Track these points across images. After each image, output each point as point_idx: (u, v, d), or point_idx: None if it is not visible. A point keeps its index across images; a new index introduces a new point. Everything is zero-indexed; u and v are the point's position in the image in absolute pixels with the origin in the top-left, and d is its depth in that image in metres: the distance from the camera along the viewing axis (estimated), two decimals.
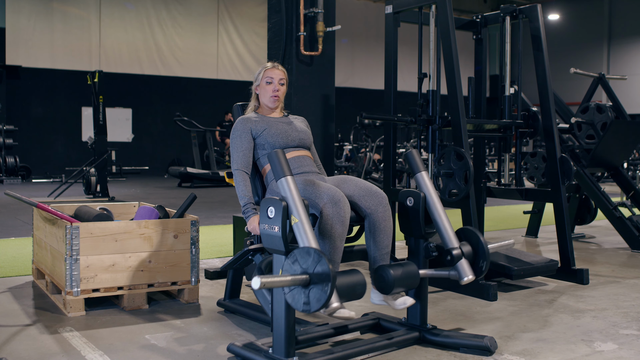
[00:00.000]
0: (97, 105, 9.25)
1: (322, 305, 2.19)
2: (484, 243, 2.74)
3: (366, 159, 12.24)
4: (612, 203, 5.41)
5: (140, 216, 3.61)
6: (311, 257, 2.24)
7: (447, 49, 3.91)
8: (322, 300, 2.18)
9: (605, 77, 6.14)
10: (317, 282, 2.21)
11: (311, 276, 2.22)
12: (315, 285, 2.21)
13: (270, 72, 3.20)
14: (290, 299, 2.29)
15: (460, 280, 2.71)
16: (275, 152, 2.50)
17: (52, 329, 2.95)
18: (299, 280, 2.22)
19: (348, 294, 2.38)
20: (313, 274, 2.22)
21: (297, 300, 2.27)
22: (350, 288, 2.37)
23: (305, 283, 2.23)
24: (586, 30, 20.95)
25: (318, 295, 2.20)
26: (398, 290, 2.65)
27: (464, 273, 2.70)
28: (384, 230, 2.87)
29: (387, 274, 2.62)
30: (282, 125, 3.14)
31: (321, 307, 2.20)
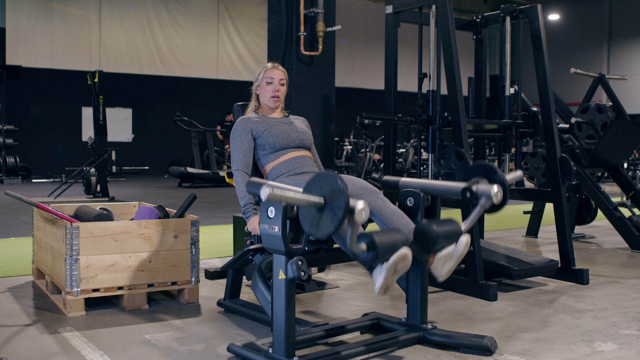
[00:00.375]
0: (97, 105, 9.25)
1: (338, 223, 2.13)
2: (490, 165, 2.71)
3: (366, 159, 12.24)
4: (612, 203, 5.41)
5: (141, 216, 3.61)
6: (325, 179, 2.20)
7: (447, 49, 3.91)
8: (339, 215, 2.12)
9: (606, 77, 6.14)
10: (332, 202, 2.16)
11: (326, 198, 2.18)
12: (330, 207, 2.17)
13: (271, 72, 3.20)
14: (303, 219, 2.26)
15: (491, 196, 2.58)
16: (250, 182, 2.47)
17: (52, 329, 2.95)
18: (313, 201, 2.17)
19: (390, 250, 2.34)
20: (327, 194, 2.18)
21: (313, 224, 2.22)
22: (391, 243, 2.34)
23: (320, 206, 2.19)
24: (586, 30, 20.94)
25: (326, 224, 2.16)
26: (441, 245, 2.57)
27: (488, 190, 2.59)
28: (394, 212, 2.80)
29: (429, 229, 2.53)
30: (283, 126, 3.14)
31: (339, 224, 2.14)
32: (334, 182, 2.19)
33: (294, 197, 2.15)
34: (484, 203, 2.63)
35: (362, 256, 2.36)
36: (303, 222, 2.27)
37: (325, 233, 2.18)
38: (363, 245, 2.34)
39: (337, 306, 3.44)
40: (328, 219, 2.18)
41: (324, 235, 2.19)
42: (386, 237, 2.38)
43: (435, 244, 2.53)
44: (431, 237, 2.53)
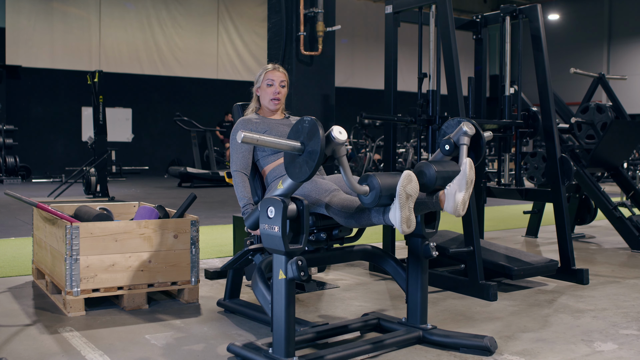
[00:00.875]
0: (97, 105, 9.25)
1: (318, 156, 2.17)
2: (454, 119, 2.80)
3: (366, 159, 12.24)
4: (612, 203, 5.41)
5: (140, 216, 3.61)
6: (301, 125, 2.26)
7: (447, 49, 3.91)
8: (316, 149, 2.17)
9: (605, 77, 6.14)
10: (309, 143, 2.22)
11: (304, 141, 2.24)
12: (308, 147, 2.22)
13: (271, 74, 3.20)
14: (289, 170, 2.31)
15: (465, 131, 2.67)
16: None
17: (52, 329, 2.95)
18: (287, 144, 2.23)
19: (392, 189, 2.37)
20: (305, 137, 2.24)
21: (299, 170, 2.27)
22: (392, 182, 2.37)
23: (299, 150, 2.24)
24: (586, 30, 20.94)
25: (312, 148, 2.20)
26: (439, 184, 2.57)
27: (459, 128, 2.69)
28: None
29: (429, 169, 2.56)
30: (283, 128, 3.14)
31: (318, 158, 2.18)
32: (306, 122, 2.24)
33: (270, 140, 2.20)
34: (463, 141, 2.69)
35: (366, 198, 2.39)
36: (289, 171, 2.31)
37: (309, 170, 2.20)
38: (365, 186, 2.39)
39: (337, 306, 3.44)
40: (309, 158, 2.22)
41: (307, 174, 2.21)
42: (386, 176, 2.41)
43: (435, 182, 2.53)
44: (430, 177, 2.54)
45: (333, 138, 2.27)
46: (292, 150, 2.26)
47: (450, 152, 2.73)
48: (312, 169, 2.21)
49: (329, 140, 2.27)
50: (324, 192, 2.71)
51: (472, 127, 2.72)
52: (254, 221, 2.73)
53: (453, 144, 2.72)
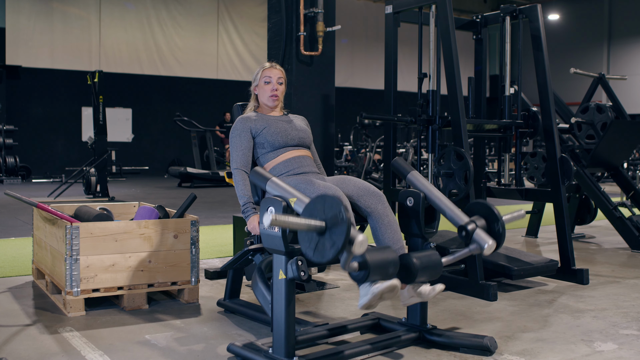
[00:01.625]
0: (97, 105, 9.25)
1: (336, 253, 2.11)
2: (494, 209, 2.66)
3: (366, 159, 12.24)
4: (612, 203, 5.41)
5: (140, 216, 3.61)
6: (329, 203, 2.17)
7: (447, 49, 3.91)
8: (337, 244, 2.10)
9: (605, 77, 6.14)
10: (333, 229, 2.13)
11: (327, 223, 2.15)
12: (331, 232, 2.14)
13: (268, 71, 3.21)
14: (302, 239, 2.23)
15: (482, 249, 2.58)
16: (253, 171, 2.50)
17: (52, 329, 2.95)
18: (315, 226, 2.14)
19: (380, 272, 2.33)
20: (329, 219, 2.15)
21: (310, 246, 2.20)
22: (382, 265, 2.33)
23: (321, 230, 2.16)
24: (586, 30, 20.95)
25: (325, 249, 2.14)
26: (421, 279, 2.56)
27: (483, 241, 2.58)
28: (390, 224, 2.83)
29: (410, 262, 2.53)
30: (282, 124, 3.14)
31: (336, 254, 2.12)
32: (338, 209, 2.15)
33: (297, 223, 2.14)
34: (474, 249, 2.63)
35: (354, 274, 2.39)
36: (301, 241, 2.25)
37: (323, 260, 2.17)
38: (355, 264, 2.36)
39: (337, 306, 3.44)
40: (327, 245, 2.16)
41: (320, 261, 2.18)
42: (378, 257, 2.37)
43: (415, 277, 2.53)
44: (411, 271, 2.53)
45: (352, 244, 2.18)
46: (315, 231, 2.19)
47: (463, 239, 2.65)
48: (326, 259, 2.16)
49: (350, 242, 2.18)
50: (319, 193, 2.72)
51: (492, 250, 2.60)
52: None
53: (470, 237, 2.62)
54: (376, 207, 2.84)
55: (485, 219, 2.68)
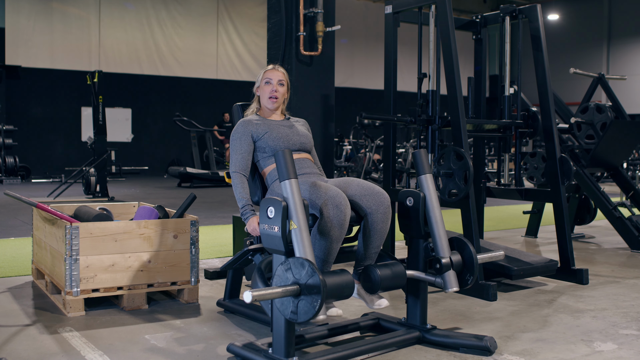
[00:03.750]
0: (97, 105, 9.25)
1: (309, 319, 2.22)
2: (474, 256, 2.74)
3: (366, 159, 12.25)
4: (611, 203, 5.41)
5: (140, 216, 3.61)
6: (305, 269, 2.25)
7: (446, 49, 3.91)
8: (309, 313, 2.22)
9: (605, 77, 6.14)
10: (307, 294, 2.23)
11: (302, 288, 2.25)
12: (305, 297, 2.23)
13: (270, 73, 3.22)
14: (279, 305, 2.32)
15: (444, 289, 2.73)
16: (283, 153, 2.45)
17: (52, 329, 2.95)
18: (290, 291, 2.24)
19: (336, 295, 2.39)
20: (304, 286, 2.24)
21: (286, 309, 2.29)
22: (338, 289, 2.38)
23: (295, 293, 2.25)
24: (586, 30, 20.95)
25: (307, 308, 2.23)
26: (384, 290, 2.69)
27: (449, 284, 2.71)
28: (380, 232, 2.89)
29: (374, 274, 2.66)
30: (284, 129, 3.15)
31: (308, 320, 2.23)
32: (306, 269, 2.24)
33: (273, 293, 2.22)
34: (438, 283, 2.74)
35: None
36: (283, 310, 2.31)
37: (307, 318, 2.24)
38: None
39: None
40: (307, 304, 2.24)
41: (305, 320, 2.25)
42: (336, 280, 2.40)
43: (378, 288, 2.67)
44: (374, 283, 2.67)
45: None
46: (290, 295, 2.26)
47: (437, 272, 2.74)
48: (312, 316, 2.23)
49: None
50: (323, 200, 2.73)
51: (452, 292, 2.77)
52: None
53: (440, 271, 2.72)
54: (377, 209, 2.85)
55: (462, 260, 2.77)
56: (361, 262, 2.91)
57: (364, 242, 2.89)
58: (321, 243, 2.70)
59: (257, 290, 2.18)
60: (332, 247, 2.72)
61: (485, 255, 2.89)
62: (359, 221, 2.91)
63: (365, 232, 2.88)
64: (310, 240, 2.39)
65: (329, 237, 2.69)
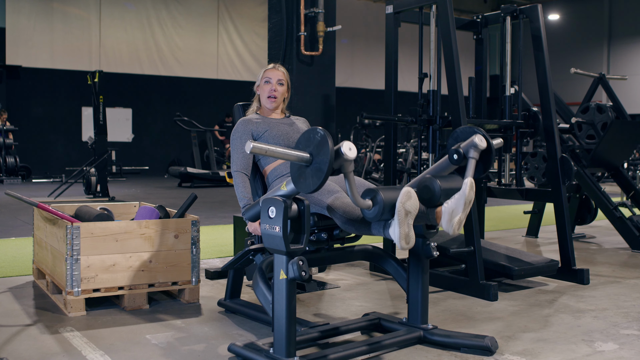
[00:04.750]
0: (97, 105, 9.25)
1: (322, 179, 2.15)
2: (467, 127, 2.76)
3: (366, 159, 12.24)
4: (612, 203, 5.41)
5: (141, 216, 3.61)
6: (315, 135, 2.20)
7: (447, 49, 3.91)
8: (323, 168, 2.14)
9: (606, 77, 6.13)
10: (318, 155, 2.18)
11: (313, 153, 2.20)
12: (317, 158, 2.19)
13: (270, 72, 3.23)
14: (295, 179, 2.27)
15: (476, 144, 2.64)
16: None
17: (53, 329, 2.95)
18: (296, 155, 2.20)
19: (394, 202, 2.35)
20: (314, 148, 2.20)
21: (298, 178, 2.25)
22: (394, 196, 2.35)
23: (307, 161, 2.21)
24: (586, 30, 20.94)
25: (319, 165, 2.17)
26: (445, 198, 2.56)
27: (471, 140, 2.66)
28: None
29: (433, 184, 2.54)
30: (284, 127, 3.15)
31: (321, 182, 2.16)
32: (318, 134, 2.20)
33: (279, 151, 2.18)
34: (473, 154, 2.67)
35: (369, 212, 2.38)
36: (295, 180, 2.28)
37: (314, 187, 2.18)
38: (368, 200, 2.38)
39: (337, 306, 3.44)
40: (317, 170, 2.20)
41: (311, 188, 2.19)
42: (389, 191, 2.40)
43: (439, 198, 2.53)
44: (435, 192, 2.53)
45: (342, 154, 2.23)
46: (300, 161, 2.23)
47: (458, 162, 2.71)
48: (319, 182, 2.19)
49: (338, 155, 2.23)
50: (327, 193, 2.72)
51: (483, 141, 2.69)
52: (253, 214, 2.73)
53: (462, 154, 2.70)
54: None
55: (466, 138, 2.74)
56: None
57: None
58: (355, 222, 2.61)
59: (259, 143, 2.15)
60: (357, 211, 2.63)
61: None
62: None
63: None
64: None
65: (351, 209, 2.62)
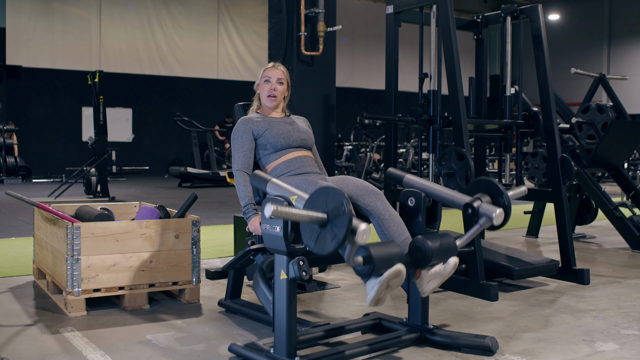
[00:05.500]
0: (98, 105, 9.26)
1: (337, 245, 2.12)
2: (497, 184, 2.64)
3: (366, 159, 12.25)
4: (612, 203, 5.41)
5: (142, 216, 3.61)
6: (331, 195, 2.17)
7: (448, 49, 3.91)
8: (339, 236, 2.11)
9: (606, 77, 6.13)
10: (335, 220, 2.14)
11: (329, 215, 2.16)
12: (332, 225, 2.15)
13: (269, 71, 3.23)
14: (303, 230, 2.24)
15: (492, 218, 2.55)
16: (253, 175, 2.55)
17: (53, 329, 2.95)
18: (316, 217, 2.16)
19: (386, 264, 2.33)
20: (331, 211, 2.16)
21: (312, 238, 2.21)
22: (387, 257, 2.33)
23: (323, 222, 2.17)
24: (586, 30, 20.95)
25: (335, 232, 2.13)
26: (435, 262, 2.56)
27: (490, 211, 2.56)
28: (392, 218, 2.79)
29: (425, 246, 2.52)
30: (284, 126, 3.15)
31: (337, 245, 2.13)
32: (340, 201, 2.16)
33: (298, 214, 2.14)
34: (484, 223, 2.60)
35: (359, 269, 2.37)
36: (303, 233, 2.26)
37: (324, 251, 2.18)
38: (360, 258, 2.34)
39: (338, 306, 3.44)
40: (329, 237, 2.17)
41: (321, 252, 2.19)
42: (383, 250, 2.37)
43: (430, 260, 2.52)
44: (426, 254, 2.52)
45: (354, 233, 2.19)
46: (317, 222, 2.19)
47: (469, 217, 2.63)
48: (327, 251, 2.17)
49: (352, 232, 2.19)
50: None
51: (501, 217, 2.57)
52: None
53: (476, 213, 2.60)
54: (375, 204, 2.83)
55: (489, 195, 2.66)
56: None
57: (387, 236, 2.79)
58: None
59: (282, 207, 2.10)
60: None
61: (510, 192, 2.72)
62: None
63: (380, 226, 2.78)
64: None
65: None
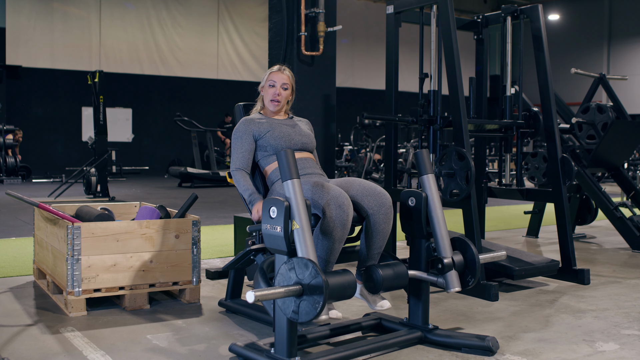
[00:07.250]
0: (98, 105, 9.26)
1: (310, 319, 2.23)
2: (475, 256, 2.74)
3: (366, 159, 12.25)
4: (612, 203, 5.41)
5: (142, 216, 3.61)
6: (308, 270, 2.25)
7: (448, 49, 3.91)
8: (311, 314, 2.22)
9: (606, 77, 6.14)
10: (310, 295, 2.23)
11: (305, 288, 2.25)
12: (307, 298, 2.24)
13: (275, 75, 3.22)
14: (281, 304, 2.32)
15: (447, 290, 2.72)
16: (285, 153, 2.43)
17: (54, 329, 2.95)
18: (292, 291, 2.25)
19: (338, 295, 2.39)
20: (307, 286, 2.24)
21: (288, 308, 2.29)
22: (340, 289, 2.38)
23: (298, 293, 2.26)
24: (586, 30, 20.96)
25: (309, 309, 2.23)
26: (386, 290, 2.70)
27: (451, 284, 2.71)
28: (382, 232, 2.89)
29: (376, 274, 2.66)
30: (286, 128, 3.15)
31: (310, 320, 2.23)
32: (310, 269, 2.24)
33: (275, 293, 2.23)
34: (440, 283, 2.73)
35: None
36: (285, 310, 2.31)
37: (309, 318, 2.24)
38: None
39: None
40: (309, 305, 2.24)
41: (307, 320, 2.25)
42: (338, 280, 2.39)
43: (379, 289, 2.68)
44: (376, 283, 2.68)
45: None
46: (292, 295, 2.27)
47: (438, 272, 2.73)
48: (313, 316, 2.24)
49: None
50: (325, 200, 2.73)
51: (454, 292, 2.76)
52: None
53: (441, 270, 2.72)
54: (379, 210, 2.85)
55: (464, 260, 2.76)
56: (364, 262, 2.91)
57: (366, 242, 2.89)
58: (324, 243, 2.70)
59: (260, 291, 2.18)
60: (335, 247, 2.72)
61: (487, 255, 2.89)
62: (360, 221, 2.92)
63: (368, 232, 2.88)
64: (312, 241, 2.38)
65: (331, 237, 2.69)
